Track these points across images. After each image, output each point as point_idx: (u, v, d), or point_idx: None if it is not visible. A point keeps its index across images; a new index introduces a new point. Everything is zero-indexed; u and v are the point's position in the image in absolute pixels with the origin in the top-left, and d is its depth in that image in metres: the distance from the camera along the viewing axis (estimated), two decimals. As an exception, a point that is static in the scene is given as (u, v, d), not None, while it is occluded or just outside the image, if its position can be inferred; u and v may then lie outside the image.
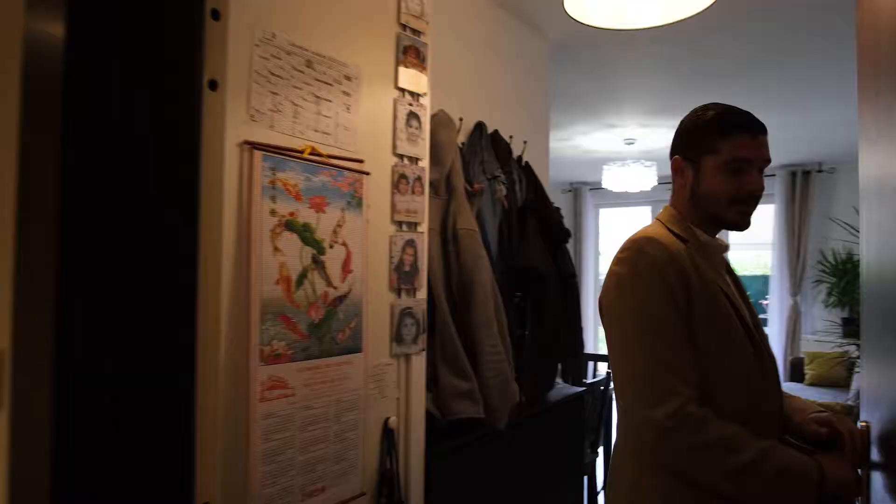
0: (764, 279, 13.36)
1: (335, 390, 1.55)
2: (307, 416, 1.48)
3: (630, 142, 5.61)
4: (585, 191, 8.37)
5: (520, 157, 2.93)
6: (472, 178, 2.45)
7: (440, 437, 1.98)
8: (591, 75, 3.96)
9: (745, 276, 9.95)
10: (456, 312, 2.14)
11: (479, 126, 2.61)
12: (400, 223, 1.82)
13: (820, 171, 6.83)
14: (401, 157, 1.82)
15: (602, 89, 4.25)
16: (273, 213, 1.39)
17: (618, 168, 5.53)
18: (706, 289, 1.22)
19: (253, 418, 1.34)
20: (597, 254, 8.73)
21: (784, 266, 6.88)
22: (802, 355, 5.94)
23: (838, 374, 5.51)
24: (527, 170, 2.90)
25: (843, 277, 6.52)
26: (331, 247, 1.54)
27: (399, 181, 1.81)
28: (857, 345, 6.20)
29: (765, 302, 12.38)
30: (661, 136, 5.49)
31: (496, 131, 2.73)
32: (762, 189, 1.29)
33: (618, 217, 13.21)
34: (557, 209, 2.88)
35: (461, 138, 2.55)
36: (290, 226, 1.43)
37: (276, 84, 1.42)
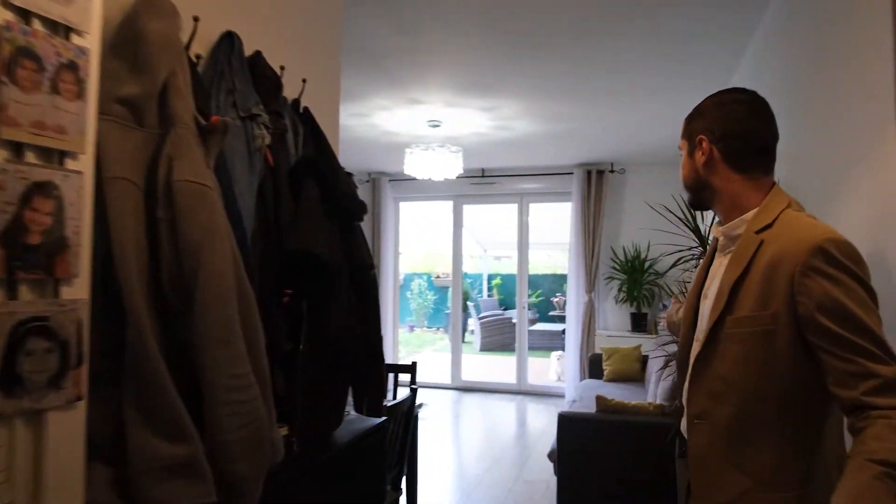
0: (554, 277, 14.02)
1: None
2: None
3: (435, 124, 5.05)
4: (385, 182, 7.73)
5: (297, 102, 2.11)
6: (213, 109, 1.57)
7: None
8: (395, 28, 3.26)
9: (537, 275, 10.06)
10: (168, 323, 1.25)
11: (230, 38, 1.73)
12: (18, 148, 0.90)
13: (612, 171, 6.95)
14: (22, 12, 0.90)
15: (407, 50, 3.58)
16: None
17: (422, 152, 4.94)
18: None
19: None
20: (396, 252, 8.12)
21: (580, 263, 6.88)
22: (600, 351, 5.88)
23: (634, 369, 5.50)
24: (306, 118, 2.08)
25: (632, 274, 6.67)
26: None
27: (16, 61, 0.89)
28: (647, 339, 6.39)
29: (555, 299, 12.94)
30: (468, 119, 5.00)
31: (258, 53, 1.87)
32: None
33: (419, 211, 12.87)
34: (349, 175, 2.11)
35: (199, 50, 1.65)
36: None
37: None
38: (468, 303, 12.00)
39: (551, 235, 11.63)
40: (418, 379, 8.83)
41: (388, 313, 7.75)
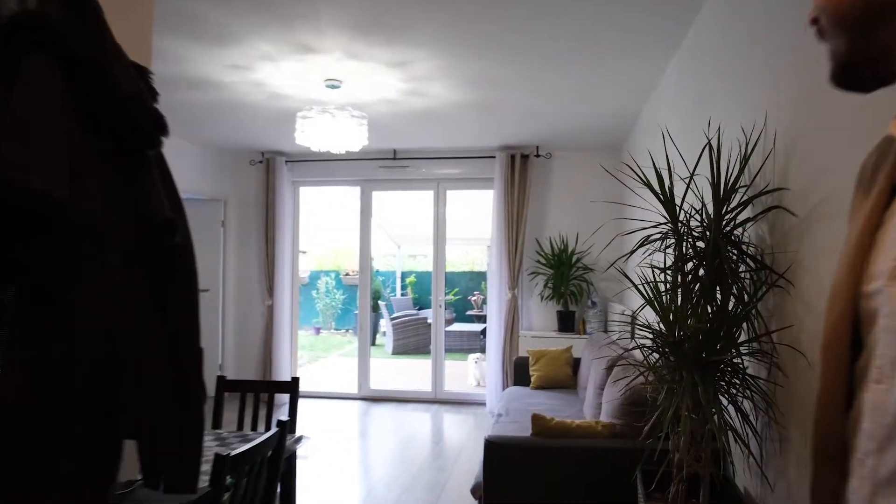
0: (472, 275, 13.37)
1: None
2: None
3: (334, 84, 4.16)
4: (281, 163, 6.73)
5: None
6: None
7: None
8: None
9: (454, 273, 9.32)
10: None
11: None
12: None
13: (538, 155, 6.30)
14: None
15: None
16: None
17: (318, 115, 4.03)
18: None
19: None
20: (295, 244, 7.13)
21: (502, 257, 6.18)
22: (527, 354, 5.18)
23: (564, 374, 4.84)
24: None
25: (559, 269, 6.04)
26: None
27: None
28: (577, 340, 5.78)
29: (473, 298, 12.28)
30: (374, 80, 4.15)
31: None
32: None
33: (323, 199, 11.79)
34: (141, 71, 1.22)
35: None
36: None
37: None
38: (380, 302, 11.11)
39: (469, 230, 10.95)
40: (318, 389, 7.72)
41: (285, 315, 6.75)
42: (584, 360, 4.56)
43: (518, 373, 5.11)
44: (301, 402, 6.89)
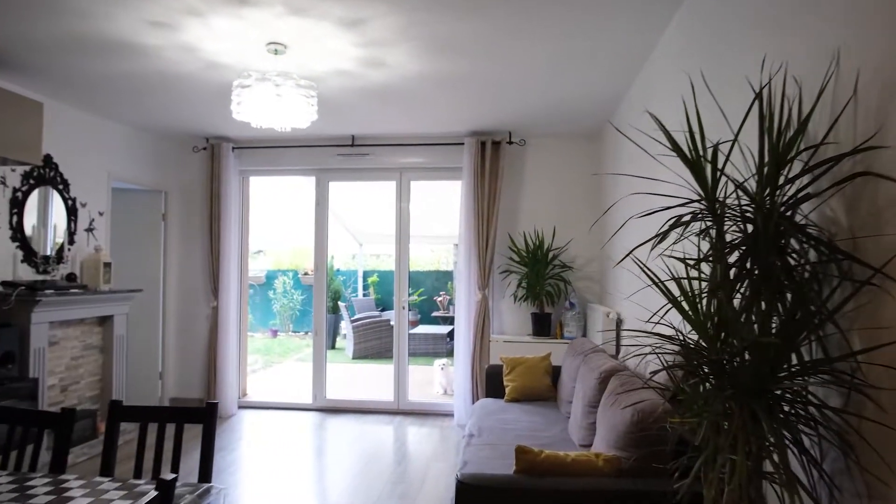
0: (437, 275, 12.79)
1: None
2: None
3: (278, 48, 3.54)
4: (227, 150, 6.05)
5: None
6: None
7: None
8: None
9: (419, 272, 8.76)
10: None
11: None
12: None
13: (510, 142, 5.76)
14: None
15: None
16: None
17: (257, 84, 3.40)
18: None
19: None
20: (243, 239, 6.45)
21: (471, 253, 5.62)
22: (500, 362, 4.64)
23: (542, 385, 4.30)
24: None
25: (534, 266, 5.51)
26: None
27: None
28: (553, 345, 5.25)
29: (439, 298, 11.70)
30: (325, 44, 3.55)
31: None
32: None
33: (279, 193, 11.02)
34: None
35: None
36: None
37: None
38: (340, 303, 10.45)
39: (435, 227, 10.38)
40: (268, 399, 7.03)
41: (232, 318, 6.07)
42: (566, 368, 4.03)
43: (490, 383, 4.55)
44: (247, 415, 6.21)
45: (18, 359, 4.12)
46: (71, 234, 5.06)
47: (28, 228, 4.58)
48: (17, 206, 4.48)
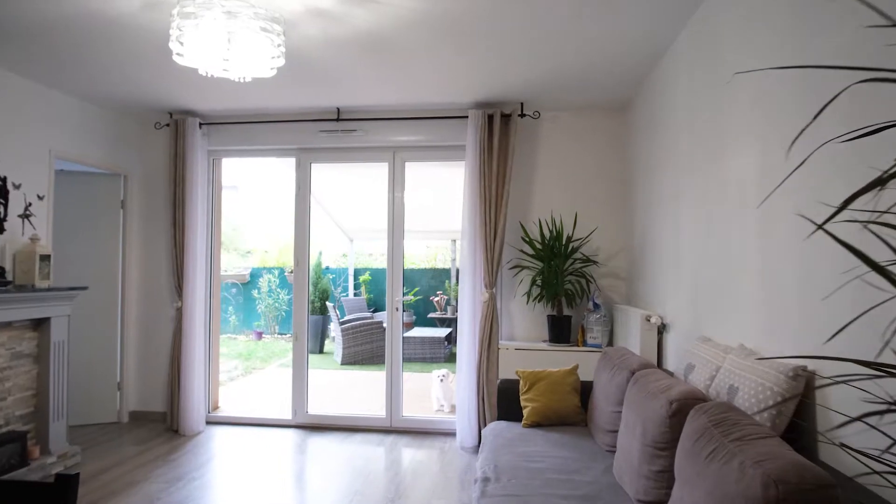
0: (434, 272, 11.95)
1: None
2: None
3: (233, -27, 2.72)
4: (193, 126, 5.20)
5: None
6: None
7: None
8: None
9: (414, 270, 7.79)
10: None
11: None
12: None
13: (522, 114, 4.95)
14: None
15: None
16: None
17: (204, 14, 2.57)
18: None
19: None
20: (214, 238, 5.61)
21: (476, 246, 4.80)
22: (516, 376, 3.83)
23: (570, 405, 3.48)
24: None
25: (551, 261, 4.69)
26: None
27: None
28: (575, 354, 4.42)
29: (435, 299, 10.87)
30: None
31: None
32: None
33: (249, 170, 10.08)
34: None
35: None
36: None
37: None
38: (328, 304, 9.60)
39: (432, 221, 9.55)
40: (242, 413, 6.15)
41: (198, 320, 5.23)
42: (601, 385, 3.22)
43: (504, 401, 3.73)
44: (217, 433, 5.28)
45: (-87, 374, 3.28)
46: (0, 219, 4.21)
47: (-64, 212, 3.74)
48: (-79, 183, 3.64)
